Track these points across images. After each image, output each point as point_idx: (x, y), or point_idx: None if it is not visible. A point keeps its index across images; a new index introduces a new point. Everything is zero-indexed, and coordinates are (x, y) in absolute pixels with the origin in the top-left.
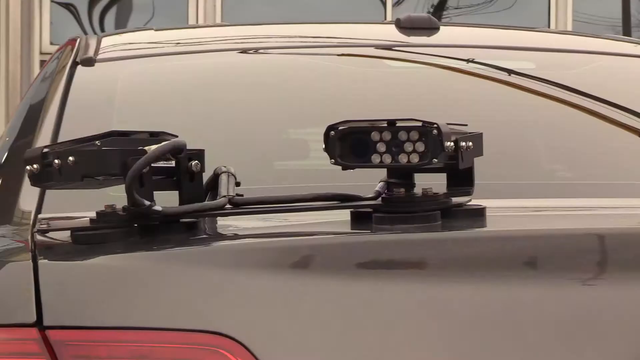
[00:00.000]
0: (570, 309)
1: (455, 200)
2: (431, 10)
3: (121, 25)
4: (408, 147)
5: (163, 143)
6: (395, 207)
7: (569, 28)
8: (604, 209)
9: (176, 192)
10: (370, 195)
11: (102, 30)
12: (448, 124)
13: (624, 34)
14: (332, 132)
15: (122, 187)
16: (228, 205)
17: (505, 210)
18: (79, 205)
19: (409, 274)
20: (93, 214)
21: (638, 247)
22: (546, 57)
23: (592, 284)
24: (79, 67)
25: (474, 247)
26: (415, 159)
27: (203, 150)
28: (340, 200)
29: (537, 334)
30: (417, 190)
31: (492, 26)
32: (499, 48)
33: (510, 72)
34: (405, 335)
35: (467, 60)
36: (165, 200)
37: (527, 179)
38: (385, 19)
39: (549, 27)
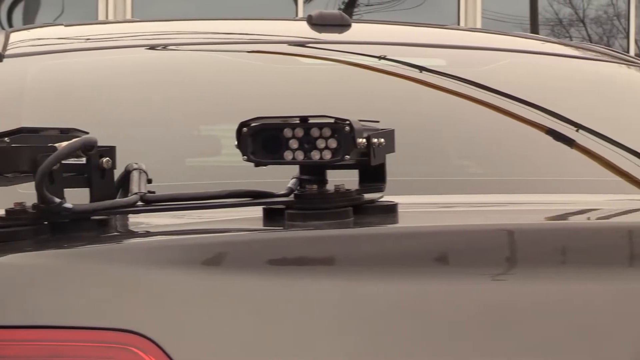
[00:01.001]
0: (480, 303)
1: (368, 196)
2: (342, 7)
3: (30, 21)
4: (320, 143)
5: (73, 140)
6: (307, 204)
7: (478, 25)
8: (514, 205)
9: (87, 189)
10: (282, 192)
11: (10, 25)
12: (360, 120)
13: (532, 32)
14: (245, 129)
15: (32, 184)
16: (140, 202)
17: (417, 206)
18: None
19: (321, 270)
20: (2, 212)
21: (547, 243)
22: (457, 54)
23: (502, 279)
24: None
25: (386, 243)
26: (327, 155)
27: (114, 147)
28: (253, 197)
29: (448, 329)
30: (330, 186)
31: (403, 23)
32: (410, 45)
33: (421, 69)
34: (318, 331)
35: (379, 57)
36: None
37: (439, 175)
38: (297, 15)
39: (458, 24)
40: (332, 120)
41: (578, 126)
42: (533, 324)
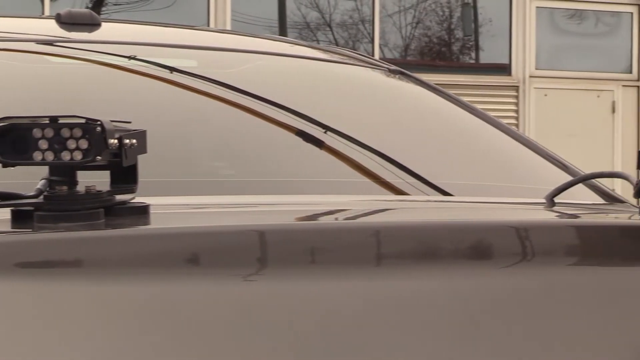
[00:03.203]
0: (231, 304)
1: (119, 197)
2: (90, 6)
3: None
4: (71, 144)
5: None
6: (57, 205)
7: (228, 27)
8: (265, 206)
9: None
10: (31, 194)
11: None
12: (112, 121)
13: (281, 34)
14: None
15: None
16: None
17: (169, 207)
18: None
19: (72, 272)
20: None
21: (297, 243)
22: (208, 55)
23: (253, 280)
24: None
25: (137, 245)
26: (78, 156)
27: None
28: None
29: (199, 330)
30: (80, 187)
31: (154, 23)
32: (161, 45)
33: (172, 69)
34: (68, 334)
35: (129, 57)
36: None
37: (191, 177)
38: (43, 14)
39: (208, 25)
40: (83, 121)
41: (326, 128)
42: (283, 324)
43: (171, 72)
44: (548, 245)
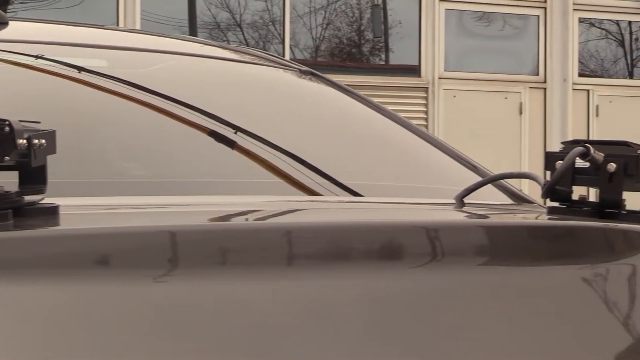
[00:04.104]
0: (142, 305)
1: (28, 198)
2: None
3: None
4: None
5: None
6: None
7: (138, 27)
8: (177, 207)
9: None
10: None
11: None
12: (20, 121)
13: (191, 34)
14: None
15: None
16: None
17: (79, 208)
18: None
19: None
20: None
21: (208, 243)
22: (118, 55)
23: (163, 281)
24: None
25: (47, 246)
26: None
27: None
28: None
29: (112, 331)
30: None
31: (63, 22)
32: (70, 45)
33: (80, 69)
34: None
35: (37, 57)
36: None
37: (101, 177)
38: None
39: (117, 25)
40: None
41: (237, 128)
42: (193, 325)
43: (79, 72)
44: (458, 245)
